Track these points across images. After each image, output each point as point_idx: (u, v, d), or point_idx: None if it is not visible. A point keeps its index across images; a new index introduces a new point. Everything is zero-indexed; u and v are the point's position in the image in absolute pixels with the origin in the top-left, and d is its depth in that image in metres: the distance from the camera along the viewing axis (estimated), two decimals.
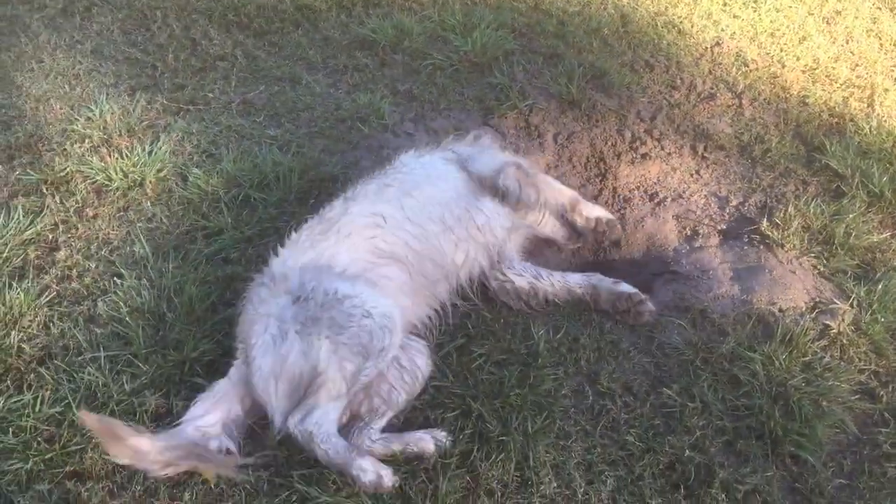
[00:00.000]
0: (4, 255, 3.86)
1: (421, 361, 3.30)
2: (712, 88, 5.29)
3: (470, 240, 3.75)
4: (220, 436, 3.03)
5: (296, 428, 2.95)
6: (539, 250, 4.19)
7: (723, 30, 5.97)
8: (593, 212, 4.14)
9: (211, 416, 3.06)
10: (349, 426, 3.11)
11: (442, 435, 3.07)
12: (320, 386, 3.01)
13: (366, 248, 3.47)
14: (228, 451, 3.01)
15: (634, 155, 4.74)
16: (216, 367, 3.36)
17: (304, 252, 3.42)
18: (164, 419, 3.17)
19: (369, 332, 3.07)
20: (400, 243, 3.53)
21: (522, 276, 3.81)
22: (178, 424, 3.01)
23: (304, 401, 3.02)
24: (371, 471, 2.86)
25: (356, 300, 3.14)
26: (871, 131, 4.88)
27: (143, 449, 2.81)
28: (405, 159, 4.05)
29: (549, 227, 4.14)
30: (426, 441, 3.04)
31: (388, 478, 2.86)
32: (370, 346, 3.06)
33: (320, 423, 2.95)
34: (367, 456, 2.93)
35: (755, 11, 6.24)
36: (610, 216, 4.19)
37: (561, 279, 3.84)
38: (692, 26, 6.00)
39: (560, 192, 4.14)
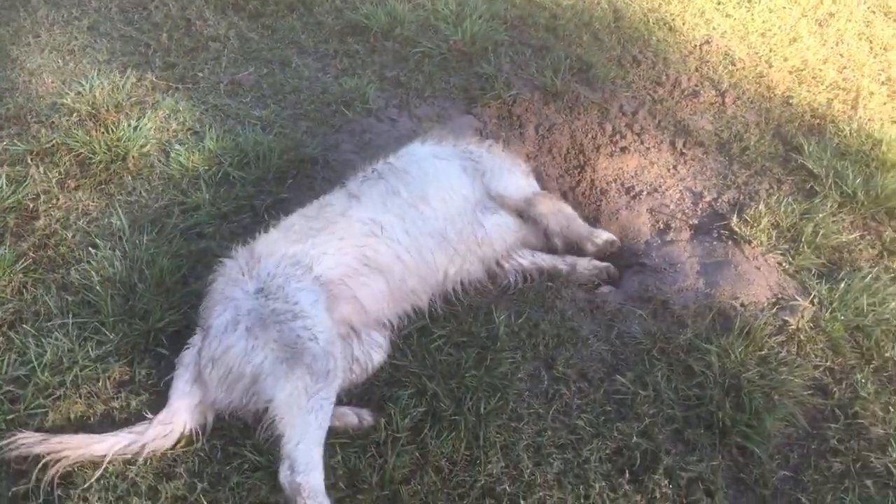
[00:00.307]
0: None
1: (377, 357, 3.35)
2: (697, 86, 5.33)
3: (467, 253, 3.76)
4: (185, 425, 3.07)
5: (285, 480, 2.82)
6: None
7: (714, 28, 6.00)
8: (602, 236, 4.09)
9: (178, 416, 3.08)
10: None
11: (367, 413, 3.15)
12: (283, 419, 2.93)
13: (354, 254, 3.46)
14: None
15: (614, 148, 4.79)
16: (181, 337, 3.42)
17: (293, 242, 3.42)
18: (126, 386, 3.25)
19: (313, 355, 3.02)
20: (390, 255, 3.52)
21: (526, 259, 3.97)
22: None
23: (279, 448, 2.90)
24: None
25: (308, 322, 3.11)
26: (850, 133, 4.90)
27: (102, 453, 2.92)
28: (419, 152, 4.01)
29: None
30: (350, 416, 3.13)
31: None
32: (314, 366, 2.99)
33: (308, 472, 2.81)
34: None
35: (748, 11, 6.26)
36: (614, 237, 4.14)
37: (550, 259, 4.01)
38: (683, 24, 6.03)
39: (578, 223, 4.09)
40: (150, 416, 3.05)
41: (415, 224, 3.62)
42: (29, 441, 2.89)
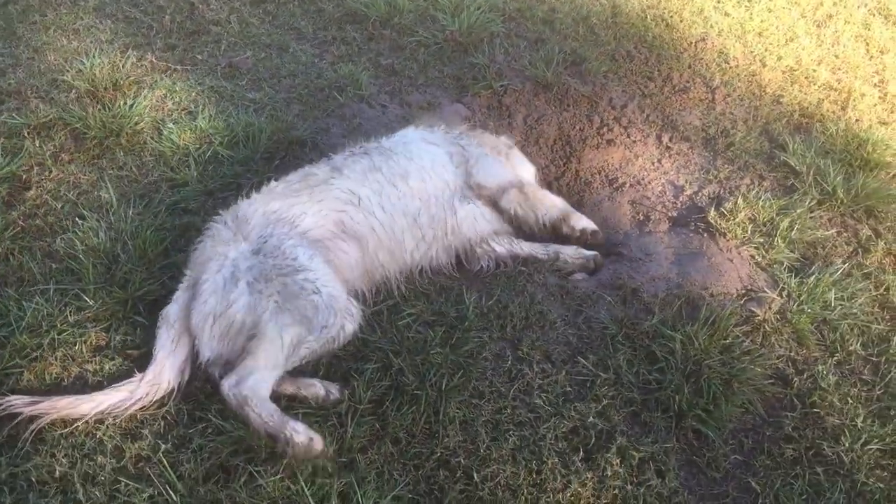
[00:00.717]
0: None
1: (349, 326, 3.38)
2: (688, 82, 5.37)
3: (433, 241, 3.86)
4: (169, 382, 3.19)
5: (230, 391, 3.01)
6: None
7: (711, 26, 6.04)
8: (580, 223, 4.13)
9: (164, 374, 3.19)
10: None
11: (335, 387, 3.22)
12: (258, 349, 3.10)
13: (333, 219, 3.60)
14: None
15: (600, 140, 4.86)
16: (159, 306, 3.52)
17: (273, 200, 3.58)
18: (101, 351, 3.36)
19: (315, 307, 3.20)
20: (366, 226, 3.65)
21: (502, 246, 4.03)
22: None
23: (240, 362, 3.11)
24: (303, 433, 2.93)
25: (310, 275, 3.28)
26: (837, 132, 4.93)
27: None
28: (410, 136, 4.12)
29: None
30: (317, 387, 3.21)
31: (319, 441, 2.95)
32: (314, 320, 3.18)
33: (255, 389, 3.00)
34: (300, 421, 3.00)
35: (747, 10, 6.29)
36: (595, 227, 4.17)
37: (529, 247, 4.07)
38: (681, 21, 6.07)
39: (553, 207, 4.15)
40: (137, 374, 3.17)
41: (390, 201, 3.73)
42: (18, 403, 3.00)
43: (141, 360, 3.29)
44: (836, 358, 3.60)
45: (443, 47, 5.56)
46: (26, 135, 4.50)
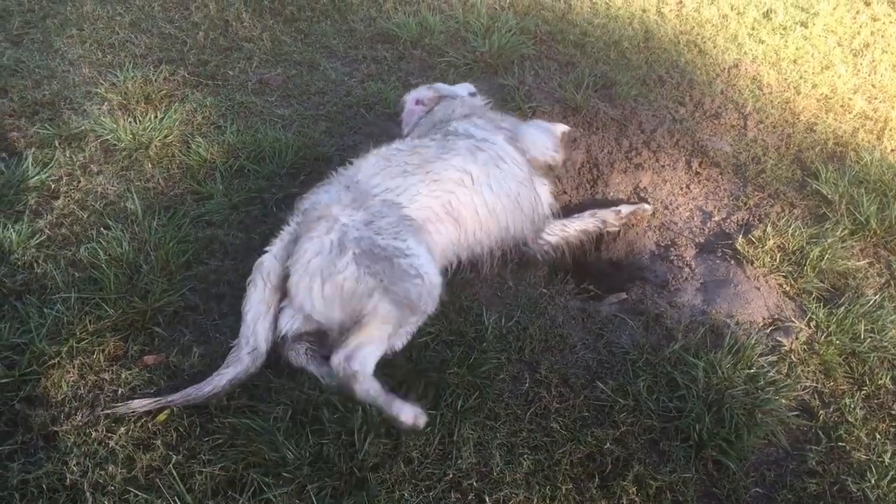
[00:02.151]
0: (8, 197, 4.12)
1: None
2: (720, 108, 5.31)
3: (527, 221, 3.98)
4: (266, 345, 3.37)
5: (340, 365, 3.18)
6: None
7: (745, 53, 5.98)
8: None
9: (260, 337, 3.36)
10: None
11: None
12: (367, 325, 3.25)
13: (441, 200, 3.67)
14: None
15: (628, 164, 4.80)
16: (178, 318, 3.55)
17: (392, 176, 3.65)
18: (118, 360, 3.36)
19: (418, 292, 3.32)
20: (470, 207, 3.74)
21: (554, 235, 4.16)
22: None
23: (348, 337, 3.26)
24: (409, 412, 3.09)
25: (416, 261, 3.37)
26: (871, 162, 4.83)
27: None
28: (471, 130, 4.09)
29: None
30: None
31: (422, 418, 3.10)
32: (416, 304, 3.31)
33: (364, 364, 3.18)
34: (403, 399, 3.14)
35: (782, 38, 6.22)
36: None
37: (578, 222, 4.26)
38: (714, 47, 6.02)
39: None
40: (232, 343, 3.34)
41: (497, 181, 3.83)
42: (139, 404, 3.11)
43: (156, 370, 3.30)
44: (864, 391, 3.49)
45: (472, 68, 5.56)
46: (57, 145, 4.56)
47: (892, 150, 5.05)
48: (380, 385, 3.16)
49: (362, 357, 3.19)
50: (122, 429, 3.05)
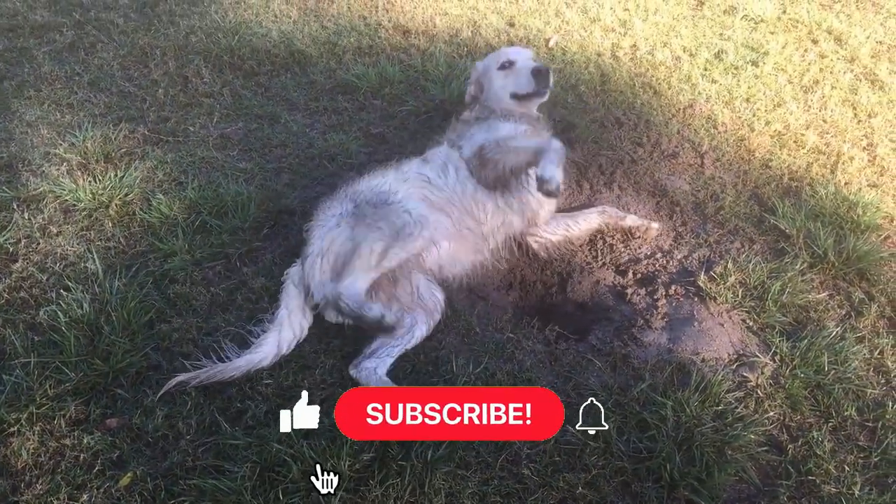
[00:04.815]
0: None
1: (439, 296, 3.91)
2: (677, 147, 5.39)
3: (507, 208, 4.29)
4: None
5: (327, 291, 3.69)
6: None
7: (699, 93, 6.10)
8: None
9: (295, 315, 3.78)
10: (369, 355, 3.60)
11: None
12: (354, 259, 3.70)
13: (419, 195, 4.09)
14: None
15: (589, 207, 4.84)
16: (141, 378, 3.49)
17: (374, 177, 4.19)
18: (80, 425, 3.30)
19: (403, 221, 3.81)
20: (444, 199, 4.14)
21: (556, 234, 4.54)
22: None
23: (340, 272, 3.72)
24: (377, 310, 3.60)
25: (400, 204, 3.91)
26: (826, 196, 4.92)
27: None
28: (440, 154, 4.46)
29: None
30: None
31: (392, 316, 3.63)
32: (401, 230, 3.77)
33: (347, 286, 3.64)
34: (377, 303, 3.70)
35: (734, 77, 6.36)
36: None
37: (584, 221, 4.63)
38: (669, 88, 6.14)
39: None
40: (265, 318, 3.72)
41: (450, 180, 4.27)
42: (185, 378, 3.41)
43: (119, 433, 3.24)
44: (830, 423, 3.52)
45: (432, 115, 5.61)
46: (16, 207, 4.51)
47: (845, 184, 5.15)
48: (360, 296, 3.62)
49: (347, 281, 3.64)
50: (85, 496, 2.99)
